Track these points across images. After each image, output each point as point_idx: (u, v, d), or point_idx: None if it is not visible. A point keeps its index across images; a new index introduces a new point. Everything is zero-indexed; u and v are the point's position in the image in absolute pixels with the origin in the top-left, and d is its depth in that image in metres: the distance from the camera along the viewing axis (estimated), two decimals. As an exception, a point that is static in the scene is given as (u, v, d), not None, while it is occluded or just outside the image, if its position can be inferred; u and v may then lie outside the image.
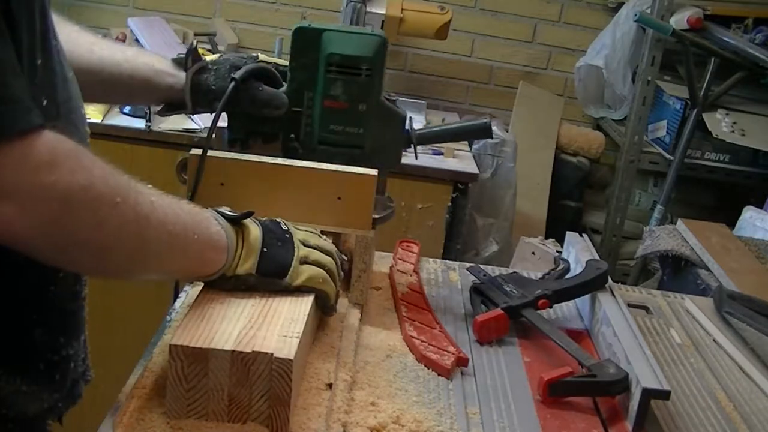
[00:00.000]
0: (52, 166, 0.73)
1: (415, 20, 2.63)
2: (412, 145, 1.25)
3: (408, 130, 1.25)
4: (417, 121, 2.62)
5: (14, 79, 0.72)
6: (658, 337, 1.32)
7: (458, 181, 2.38)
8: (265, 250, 0.96)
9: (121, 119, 2.29)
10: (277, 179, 1.12)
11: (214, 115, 1.14)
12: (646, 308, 1.41)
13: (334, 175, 1.12)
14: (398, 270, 1.35)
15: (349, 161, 1.15)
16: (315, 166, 1.13)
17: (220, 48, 2.73)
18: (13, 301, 0.86)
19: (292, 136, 1.21)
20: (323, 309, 1.05)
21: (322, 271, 1.01)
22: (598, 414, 1.06)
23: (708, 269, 1.73)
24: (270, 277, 0.97)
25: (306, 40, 1.18)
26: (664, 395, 1.03)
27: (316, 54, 1.17)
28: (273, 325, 0.89)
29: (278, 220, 1.03)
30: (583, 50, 3.00)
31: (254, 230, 0.97)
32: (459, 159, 2.45)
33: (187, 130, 2.26)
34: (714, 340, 1.34)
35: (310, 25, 1.20)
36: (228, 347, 0.83)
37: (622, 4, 2.90)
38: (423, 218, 2.39)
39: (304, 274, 0.99)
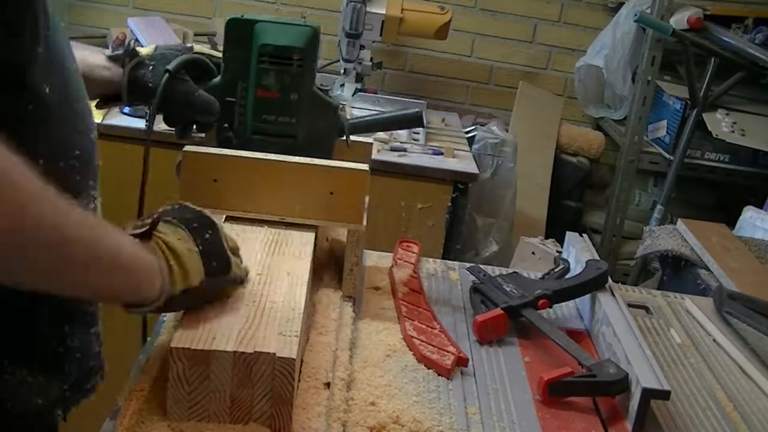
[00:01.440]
0: None
1: (415, 20, 2.63)
2: (344, 135, 1.27)
3: (341, 119, 1.26)
4: (417, 122, 2.63)
5: None
6: (658, 337, 1.32)
7: (458, 181, 2.38)
8: (201, 246, 0.87)
9: (121, 119, 2.29)
10: (269, 175, 1.13)
11: (149, 109, 1.16)
12: (646, 308, 1.41)
13: (326, 170, 1.14)
14: (398, 270, 1.35)
15: (282, 151, 1.16)
16: (307, 162, 1.14)
17: (220, 48, 2.73)
18: (14, 288, 0.80)
19: (226, 125, 1.23)
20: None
21: (236, 259, 0.94)
22: (598, 414, 1.06)
23: (708, 269, 1.73)
24: (216, 276, 0.88)
25: (239, 31, 1.20)
26: (664, 395, 1.03)
27: (249, 44, 1.19)
28: (270, 324, 0.89)
29: (177, 205, 0.93)
30: (583, 50, 3.00)
31: (170, 233, 0.86)
32: (459, 159, 2.45)
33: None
34: (714, 340, 1.34)
35: (242, 15, 1.21)
36: (230, 348, 0.83)
37: (622, 4, 2.90)
38: (423, 218, 2.39)
39: (234, 263, 0.92)
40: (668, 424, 1.07)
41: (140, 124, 2.34)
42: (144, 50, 1.21)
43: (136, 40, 1.21)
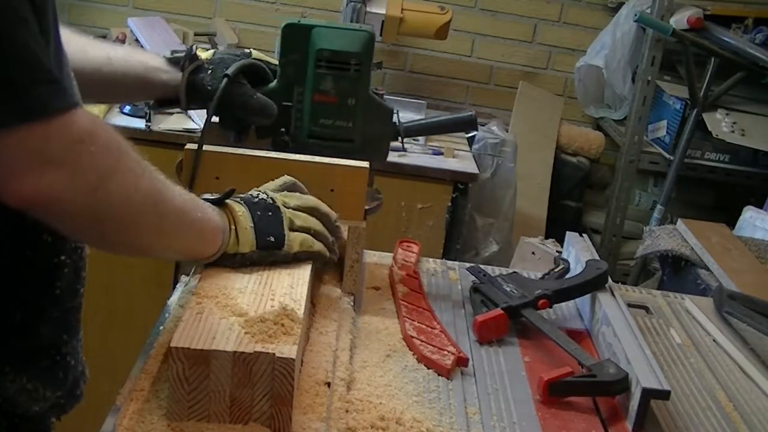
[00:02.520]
0: (93, 137, 0.79)
1: (415, 20, 2.63)
2: (399, 138, 1.29)
3: (395, 123, 1.28)
4: (417, 121, 2.63)
5: (48, 62, 0.77)
6: (658, 337, 1.32)
7: (458, 181, 2.38)
8: (256, 223, 1.01)
9: (121, 119, 2.29)
10: (271, 172, 1.13)
11: (207, 111, 1.18)
12: (646, 308, 1.41)
13: (327, 167, 1.15)
14: (398, 270, 1.35)
15: (339, 154, 1.18)
16: (308, 159, 1.15)
17: (220, 48, 2.74)
18: (22, 299, 0.88)
19: (283, 130, 1.24)
20: (323, 265, 1.10)
21: (309, 236, 1.05)
22: (598, 414, 1.06)
23: (708, 269, 1.73)
24: (269, 250, 1.01)
25: (296, 36, 1.21)
26: (664, 395, 1.03)
27: (306, 50, 1.20)
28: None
29: (253, 192, 1.06)
30: (583, 50, 3.00)
31: (239, 208, 1.01)
32: (459, 159, 2.45)
33: (187, 130, 2.27)
34: (714, 340, 1.34)
35: (299, 21, 1.23)
36: (229, 348, 0.83)
37: (622, 4, 2.90)
38: (423, 218, 2.39)
39: (296, 241, 1.03)
40: (668, 424, 1.07)
41: (140, 124, 2.34)
42: (203, 54, 1.24)
43: (196, 46, 1.24)
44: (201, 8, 2.97)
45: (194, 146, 1.14)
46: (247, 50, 1.28)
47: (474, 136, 2.71)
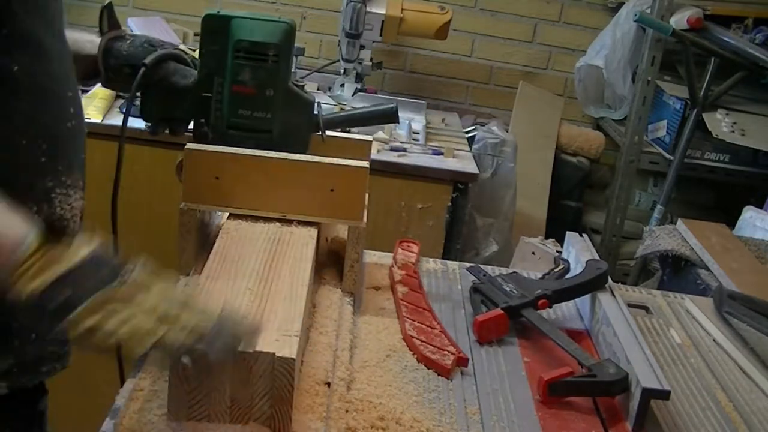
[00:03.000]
0: None
1: (415, 20, 2.63)
2: (320, 130, 1.27)
3: (316, 114, 1.27)
4: (417, 122, 2.64)
5: None
6: (658, 337, 1.32)
7: (458, 181, 2.38)
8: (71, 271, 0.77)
9: (121, 119, 2.29)
10: (271, 172, 1.14)
11: (127, 98, 1.19)
12: (646, 308, 1.41)
13: (327, 167, 1.14)
14: (398, 270, 1.35)
15: (258, 146, 1.17)
16: (308, 159, 1.15)
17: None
18: None
19: (202, 120, 1.23)
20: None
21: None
22: (598, 414, 1.06)
23: (708, 269, 1.73)
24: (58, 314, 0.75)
25: (215, 27, 1.20)
26: (664, 395, 1.03)
27: (225, 40, 1.19)
28: (271, 324, 0.89)
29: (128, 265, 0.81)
30: (583, 50, 3.00)
31: (81, 248, 0.79)
32: (459, 159, 2.45)
33: (187, 130, 2.26)
34: (714, 340, 1.34)
35: (219, 12, 1.22)
36: (229, 348, 0.83)
37: (622, 4, 2.90)
38: (423, 218, 2.39)
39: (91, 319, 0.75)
40: (668, 424, 1.07)
41: (140, 124, 2.34)
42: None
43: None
44: (201, 8, 2.94)
45: (195, 146, 1.14)
46: (174, 44, 1.28)
47: (474, 136, 2.71)
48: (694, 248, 1.80)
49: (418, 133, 2.56)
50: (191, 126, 1.25)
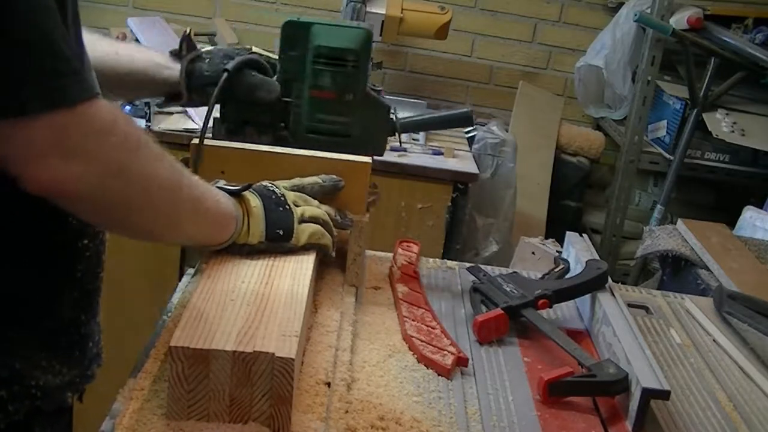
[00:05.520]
0: (113, 128, 0.80)
1: (415, 20, 2.63)
2: (396, 133, 1.32)
3: (392, 119, 1.30)
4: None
5: (71, 53, 0.78)
6: (658, 337, 1.32)
7: (458, 181, 2.38)
8: (268, 216, 1.04)
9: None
10: (275, 167, 1.15)
11: (208, 105, 1.20)
12: (646, 308, 1.41)
13: (330, 162, 1.16)
14: (398, 270, 1.35)
15: (337, 149, 1.19)
16: (312, 154, 1.16)
17: (222, 45, 2.74)
18: (47, 280, 0.90)
19: (282, 124, 1.26)
20: (324, 256, 1.12)
21: (319, 226, 1.09)
22: (598, 414, 1.06)
23: (708, 269, 1.73)
24: (278, 242, 1.05)
25: (295, 33, 1.23)
26: (664, 395, 1.03)
27: (305, 46, 1.22)
28: (271, 324, 0.89)
29: (268, 185, 1.09)
30: (583, 50, 3.01)
31: (254, 200, 1.04)
32: (459, 159, 2.45)
33: (187, 130, 2.27)
34: (714, 340, 1.34)
35: (299, 18, 1.25)
36: (229, 347, 0.83)
37: (622, 4, 2.90)
38: (423, 218, 2.39)
39: (305, 233, 1.07)
40: (668, 424, 1.07)
41: (140, 124, 2.34)
42: (204, 48, 1.27)
43: (190, 29, 1.28)
44: (201, 8, 2.97)
45: (197, 140, 1.15)
46: (248, 46, 1.31)
47: (474, 136, 2.71)
48: (694, 248, 1.80)
49: (418, 133, 2.56)
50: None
